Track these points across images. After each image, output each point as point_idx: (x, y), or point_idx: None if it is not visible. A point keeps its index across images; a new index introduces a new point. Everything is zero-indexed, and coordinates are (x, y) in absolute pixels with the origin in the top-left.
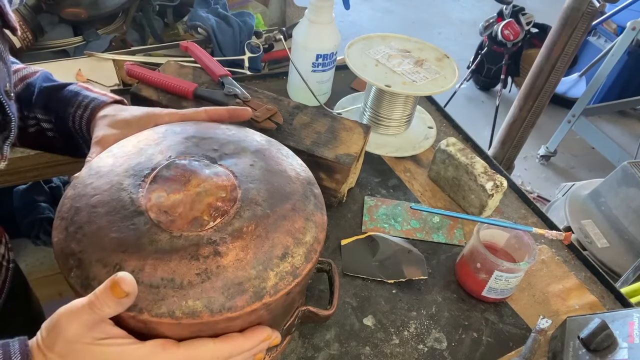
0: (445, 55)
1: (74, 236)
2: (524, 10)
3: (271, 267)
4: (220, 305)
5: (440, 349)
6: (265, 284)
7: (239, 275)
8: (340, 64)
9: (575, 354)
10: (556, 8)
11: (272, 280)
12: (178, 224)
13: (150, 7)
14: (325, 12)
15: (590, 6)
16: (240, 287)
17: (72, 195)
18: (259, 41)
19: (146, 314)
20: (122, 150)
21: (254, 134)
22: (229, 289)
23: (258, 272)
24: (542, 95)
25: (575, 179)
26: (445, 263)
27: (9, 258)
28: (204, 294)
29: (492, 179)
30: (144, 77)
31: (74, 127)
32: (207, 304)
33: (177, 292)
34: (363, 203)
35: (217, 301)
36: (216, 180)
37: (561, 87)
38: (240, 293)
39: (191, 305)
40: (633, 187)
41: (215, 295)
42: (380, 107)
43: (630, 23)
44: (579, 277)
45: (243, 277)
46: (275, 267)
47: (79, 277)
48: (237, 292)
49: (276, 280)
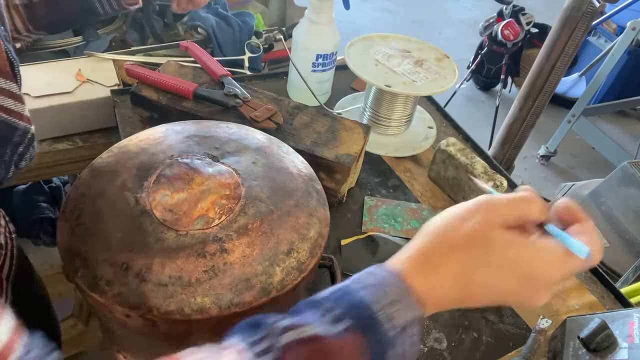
0: (445, 55)
1: (80, 237)
2: (524, 10)
3: (277, 262)
4: (228, 301)
5: (440, 349)
6: (272, 279)
7: (245, 272)
8: (340, 64)
9: (575, 354)
10: (556, 8)
11: (279, 275)
12: (184, 222)
13: (150, 7)
14: (325, 12)
15: (590, 6)
16: (248, 283)
17: (76, 196)
18: (259, 41)
19: (155, 311)
20: (124, 150)
21: (254, 132)
22: (236, 285)
23: (264, 268)
24: (542, 95)
25: (575, 179)
26: None
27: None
28: (212, 290)
29: (492, 179)
30: (144, 77)
31: None
32: (216, 300)
33: (186, 290)
34: (363, 203)
35: (226, 297)
36: (219, 178)
37: (561, 87)
38: (247, 289)
39: (200, 302)
40: (633, 187)
41: (223, 291)
42: (380, 107)
43: (630, 23)
44: (579, 277)
45: (250, 273)
46: (281, 263)
47: (86, 277)
48: (245, 288)
49: (283, 276)
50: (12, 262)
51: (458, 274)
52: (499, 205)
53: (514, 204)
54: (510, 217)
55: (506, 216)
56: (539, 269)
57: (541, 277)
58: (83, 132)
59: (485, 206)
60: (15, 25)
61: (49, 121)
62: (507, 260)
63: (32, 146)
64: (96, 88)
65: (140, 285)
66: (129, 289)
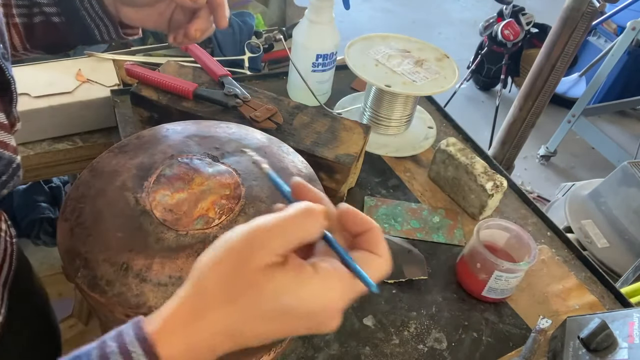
0: (445, 55)
1: (80, 237)
2: (524, 10)
3: None
4: None
5: (440, 349)
6: None
7: None
8: (340, 64)
9: (575, 354)
10: (556, 8)
11: None
12: (184, 222)
13: None
14: (325, 12)
15: (590, 6)
16: None
17: (75, 196)
18: (259, 41)
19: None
20: (124, 150)
21: (254, 132)
22: None
23: None
24: (542, 95)
25: (575, 179)
26: (445, 263)
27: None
28: None
29: (492, 179)
30: (144, 77)
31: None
32: None
33: None
34: (363, 203)
35: None
36: (219, 178)
37: (561, 87)
38: None
39: None
40: (633, 187)
41: None
42: (380, 107)
43: (630, 23)
44: (579, 277)
45: None
46: None
47: (86, 277)
48: None
49: None
50: (10, 268)
51: (226, 329)
52: (262, 237)
53: (283, 227)
54: (280, 246)
55: (275, 247)
56: (321, 305)
57: (324, 311)
58: (83, 132)
59: (246, 242)
60: (13, 42)
61: (49, 121)
62: (282, 309)
63: (16, 175)
64: (96, 88)
65: (140, 285)
66: (129, 289)
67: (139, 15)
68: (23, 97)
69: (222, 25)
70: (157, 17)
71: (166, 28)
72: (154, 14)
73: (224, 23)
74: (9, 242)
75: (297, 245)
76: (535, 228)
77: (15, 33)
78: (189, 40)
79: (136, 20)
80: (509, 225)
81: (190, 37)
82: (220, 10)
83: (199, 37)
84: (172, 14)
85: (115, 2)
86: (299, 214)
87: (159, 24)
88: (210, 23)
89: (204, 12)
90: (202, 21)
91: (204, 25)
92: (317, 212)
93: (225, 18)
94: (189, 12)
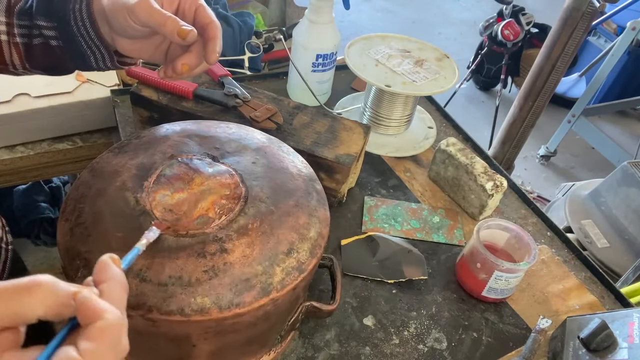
0: (445, 55)
1: (80, 237)
2: (524, 10)
3: (277, 262)
4: (228, 301)
5: (440, 349)
6: (272, 279)
7: (245, 272)
8: (340, 64)
9: (575, 354)
10: (556, 8)
11: (279, 275)
12: (183, 222)
13: None
14: (325, 12)
15: (590, 6)
16: (248, 283)
17: (76, 196)
18: (259, 41)
19: (155, 312)
20: (124, 150)
21: (254, 132)
22: (236, 285)
23: (264, 268)
24: (542, 95)
25: (575, 179)
26: (445, 263)
27: (7, 240)
28: (212, 290)
29: (492, 179)
30: (144, 77)
31: (76, 25)
32: (216, 301)
33: (186, 290)
34: (363, 203)
35: (226, 297)
36: (219, 178)
37: (561, 87)
38: (247, 289)
39: (200, 302)
40: (633, 187)
41: (223, 291)
42: (380, 107)
43: (630, 23)
44: (579, 277)
45: (250, 273)
46: (281, 263)
47: (87, 277)
48: (245, 288)
49: (283, 276)
50: (4, 273)
51: None
52: None
53: None
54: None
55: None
56: None
57: None
58: (83, 132)
59: None
60: (13, 61)
61: (49, 121)
62: None
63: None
64: (96, 88)
65: (140, 285)
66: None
67: (135, 47)
68: (23, 97)
69: (211, 61)
70: (153, 50)
71: (163, 60)
72: (150, 46)
73: (212, 59)
74: (4, 248)
75: (13, 321)
76: (535, 228)
77: (15, 52)
78: (177, 74)
79: (132, 51)
80: (509, 225)
81: (177, 72)
82: (211, 44)
83: (186, 72)
84: (169, 47)
85: (111, 32)
86: (22, 286)
87: (155, 56)
88: (201, 59)
89: (196, 47)
90: (191, 56)
91: (192, 60)
92: (44, 287)
93: (215, 53)
94: (184, 46)
